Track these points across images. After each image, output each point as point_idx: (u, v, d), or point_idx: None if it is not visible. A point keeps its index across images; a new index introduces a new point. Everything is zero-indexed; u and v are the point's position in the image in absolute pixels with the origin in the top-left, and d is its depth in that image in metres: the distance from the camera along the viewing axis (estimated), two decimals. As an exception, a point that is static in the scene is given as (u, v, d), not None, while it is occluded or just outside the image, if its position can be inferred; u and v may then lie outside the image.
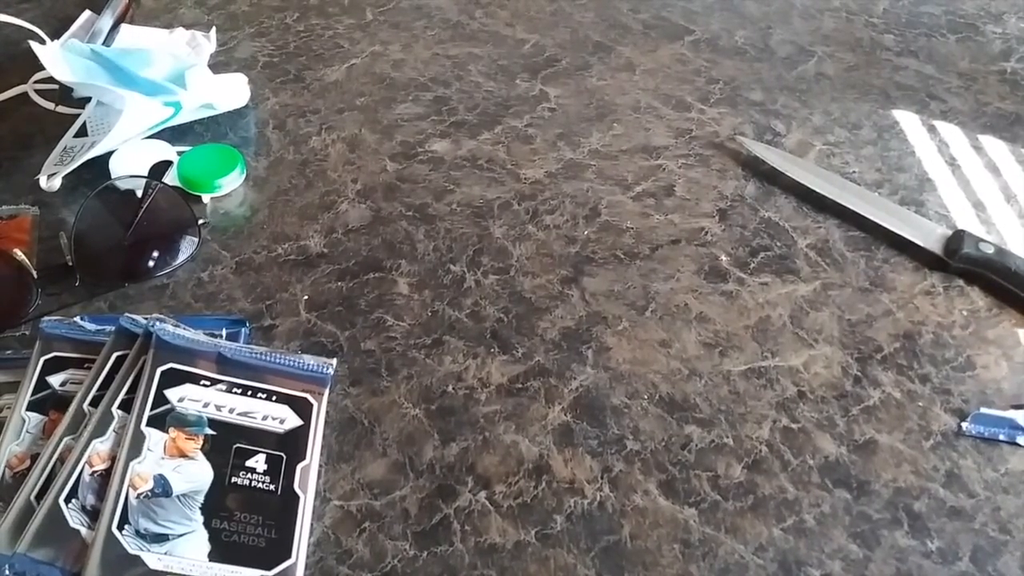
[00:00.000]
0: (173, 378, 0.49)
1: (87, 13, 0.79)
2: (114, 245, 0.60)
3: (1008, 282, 0.61)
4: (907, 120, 0.76)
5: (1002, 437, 0.53)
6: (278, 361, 0.51)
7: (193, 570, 0.43)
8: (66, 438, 0.46)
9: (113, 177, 0.64)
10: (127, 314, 0.51)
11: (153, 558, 0.43)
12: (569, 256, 0.63)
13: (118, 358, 0.50)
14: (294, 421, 0.49)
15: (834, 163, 0.71)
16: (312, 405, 0.50)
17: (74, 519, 0.44)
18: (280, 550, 0.45)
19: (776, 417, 0.53)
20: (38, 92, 0.73)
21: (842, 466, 0.51)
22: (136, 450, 0.46)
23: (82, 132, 0.67)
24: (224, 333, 0.54)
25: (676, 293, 0.60)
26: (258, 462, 0.47)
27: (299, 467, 0.48)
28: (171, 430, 0.47)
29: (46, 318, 0.52)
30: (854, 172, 0.70)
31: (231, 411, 0.49)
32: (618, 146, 0.72)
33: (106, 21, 0.76)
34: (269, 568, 0.44)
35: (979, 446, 0.52)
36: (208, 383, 0.49)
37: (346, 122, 0.73)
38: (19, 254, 0.57)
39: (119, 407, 0.47)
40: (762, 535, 0.48)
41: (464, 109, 0.75)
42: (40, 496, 0.44)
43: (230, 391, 0.49)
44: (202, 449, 0.47)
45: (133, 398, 0.48)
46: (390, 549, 0.46)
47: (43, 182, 0.64)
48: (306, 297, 0.59)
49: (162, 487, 0.45)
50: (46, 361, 0.50)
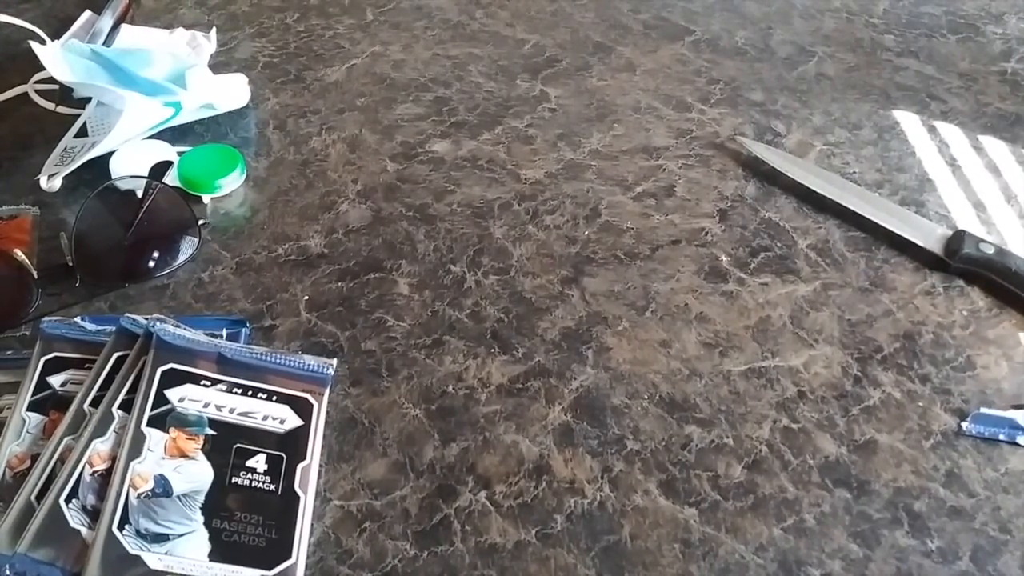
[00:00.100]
0: (173, 378, 0.49)
1: (87, 13, 0.79)
2: (114, 245, 0.60)
3: (1008, 282, 0.61)
4: (907, 120, 0.76)
5: (1002, 437, 0.53)
6: (278, 361, 0.51)
7: (193, 570, 0.43)
8: (66, 438, 0.46)
9: (113, 177, 0.64)
10: (127, 314, 0.51)
11: (153, 558, 0.43)
12: (569, 256, 0.63)
13: (118, 358, 0.50)
14: (294, 421, 0.49)
15: (834, 163, 0.71)
16: (312, 405, 0.50)
17: (74, 519, 0.44)
18: (280, 550, 0.45)
19: (776, 417, 0.53)
20: (38, 92, 0.73)
21: (842, 466, 0.51)
22: (136, 450, 0.46)
23: (82, 132, 0.67)
24: (224, 333, 0.54)
25: (676, 293, 0.60)
26: (258, 462, 0.47)
27: (299, 467, 0.48)
28: (171, 430, 0.47)
29: (46, 318, 0.52)
30: (854, 172, 0.70)
31: (231, 411, 0.49)
32: (618, 146, 0.72)
33: (106, 21, 0.76)
34: (269, 568, 0.44)
35: (979, 446, 0.52)
36: (208, 383, 0.49)
37: (346, 122, 0.73)
38: (19, 254, 0.57)
39: (119, 407, 0.48)
40: (762, 535, 0.48)
41: (464, 109, 0.75)
42: (40, 496, 0.44)
43: (230, 391, 0.49)
44: (202, 449, 0.47)
45: (133, 398, 0.48)
46: (390, 549, 0.46)
47: (43, 182, 0.64)
48: (306, 297, 0.59)
49: (162, 487, 0.45)
50: (46, 361, 0.50)
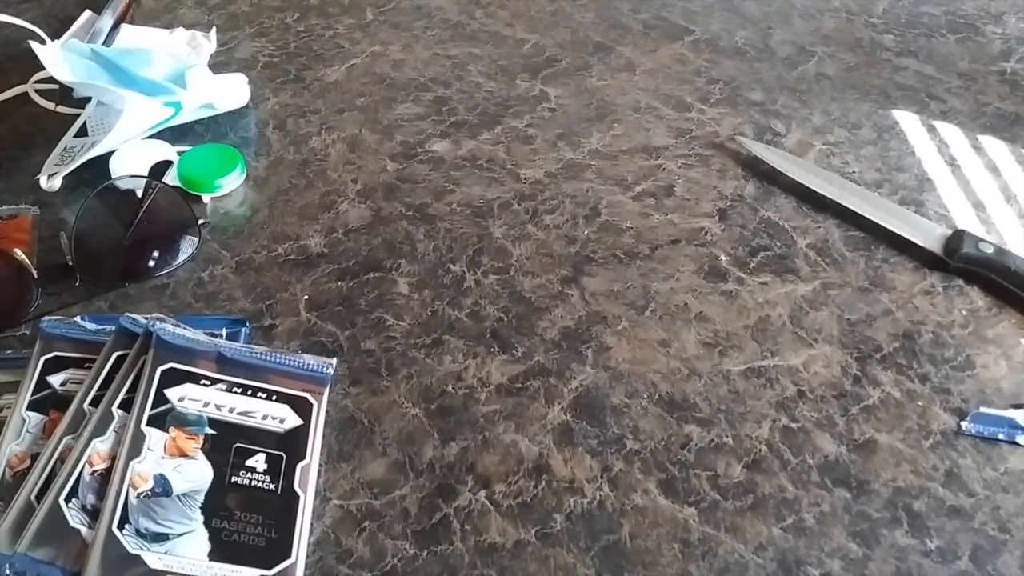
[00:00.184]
0: (173, 378, 0.49)
1: (87, 13, 0.79)
2: (114, 245, 0.60)
3: (1008, 282, 0.61)
4: (907, 120, 0.76)
5: (1001, 436, 0.53)
6: (278, 361, 0.51)
7: (193, 569, 0.43)
8: (66, 438, 0.46)
9: (113, 177, 0.64)
10: (127, 314, 0.51)
11: (153, 557, 0.43)
12: (569, 256, 0.63)
13: (118, 358, 0.50)
14: (294, 421, 0.49)
15: (834, 163, 0.71)
16: (312, 405, 0.50)
17: (74, 518, 0.44)
18: (280, 549, 0.45)
19: (776, 416, 0.53)
20: (38, 92, 0.73)
21: (842, 465, 0.51)
22: (136, 450, 0.46)
23: (82, 132, 0.67)
24: (224, 333, 0.54)
25: (676, 293, 0.60)
26: (258, 461, 0.47)
27: (299, 466, 0.48)
28: (171, 429, 0.47)
29: (46, 318, 0.52)
30: (854, 172, 0.70)
31: (231, 411, 0.49)
32: (618, 146, 0.72)
33: (106, 21, 0.76)
34: (269, 567, 0.44)
35: (979, 445, 0.53)
36: (208, 383, 0.49)
37: (346, 122, 0.73)
38: (19, 254, 0.57)
39: (119, 407, 0.48)
40: (762, 534, 0.48)
41: (464, 109, 0.75)
42: (40, 496, 0.44)
43: (230, 391, 0.49)
44: (202, 448, 0.47)
45: (133, 398, 0.48)
46: (390, 548, 0.46)
47: (43, 182, 0.64)
48: (306, 297, 0.59)
49: (162, 486, 0.45)
50: (46, 361, 0.50)
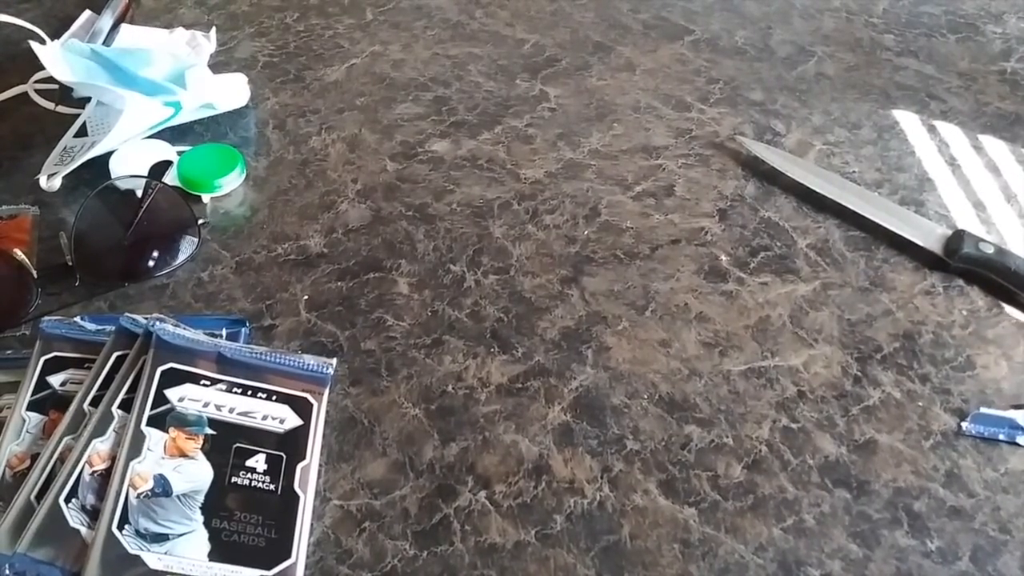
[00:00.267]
0: (173, 378, 0.49)
1: (87, 13, 0.79)
2: (114, 245, 0.60)
3: (1008, 282, 0.61)
4: (907, 120, 0.76)
5: (1002, 437, 0.53)
6: (278, 361, 0.51)
7: (193, 570, 0.43)
8: (66, 438, 0.46)
9: (113, 177, 0.64)
10: (127, 314, 0.51)
11: (153, 558, 0.43)
12: (569, 256, 0.63)
13: (118, 358, 0.50)
14: (294, 421, 0.49)
15: (834, 163, 0.71)
16: (312, 405, 0.50)
17: (74, 519, 0.44)
18: (280, 550, 0.45)
19: (776, 417, 0.53)
20: (38, 92, 0.73)
21: (842, 466, 0.51)
22: (136, 450, 0.46)
23: (82, 132, 0.67)
24: (224, 333, 0.54)
25: (676, 293, 0.60)
26: (258, 462, 0.47)
27: (299, 467, 0.48)
28: (171, 430, 0.47)
29: (46, 318, 0.52)
30: (854, 172, 0.70)
31: (231, 411, 0.49)
32: (618, 146, 0.72)
33: (106, 21, 0.76)
34: (269, 568, 0.44)
35: (979, 446, 0.52)
36: (208, 383, 0.49)
37: (346, 122, 0.73)
38: (19, 254, 0.57)
39: (119, 407, 0.48)
40: (762, 535, 0.48)
41: (464, 109, 0.75)
42: (40, 496, 0.44)
43: (230, 391, 0.49)
44: (202, 449, 0.47)
45: (133, 398, 0.48)
46: (390, 549, 0.46)
47: (43, 182, 0.64)
48: (306, 297, 0.59)
49: (162, 487, 0.45)
50: (46, 361, 0.50)
